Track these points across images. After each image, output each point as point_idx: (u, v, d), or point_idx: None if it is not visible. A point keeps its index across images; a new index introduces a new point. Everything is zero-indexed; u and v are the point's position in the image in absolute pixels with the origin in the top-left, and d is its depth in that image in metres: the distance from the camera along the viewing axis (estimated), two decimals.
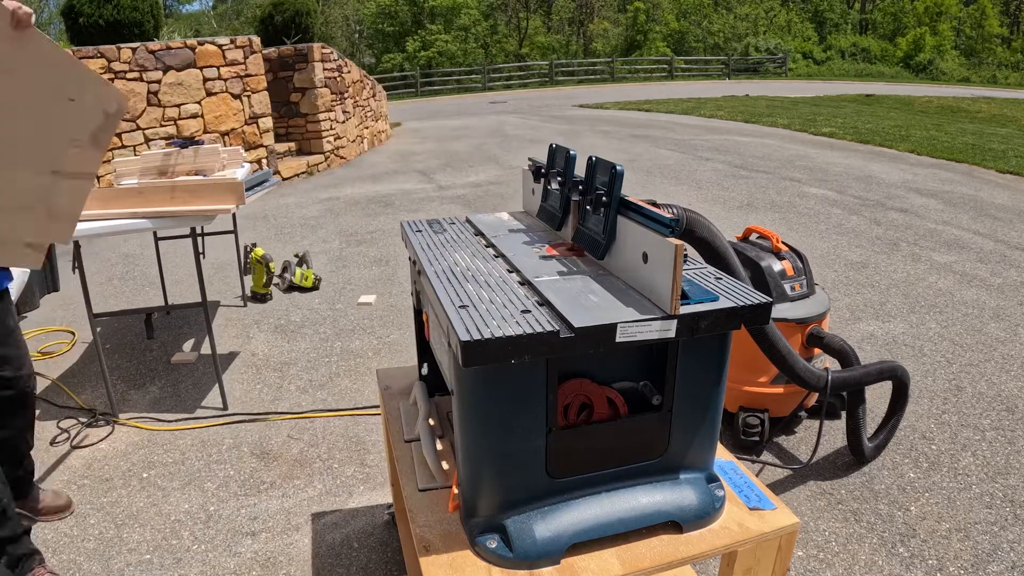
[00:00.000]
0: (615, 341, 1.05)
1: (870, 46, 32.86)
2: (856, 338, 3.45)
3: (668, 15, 32.77)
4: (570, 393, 1.15)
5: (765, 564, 1.23)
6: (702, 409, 1.20)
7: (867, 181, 7.17)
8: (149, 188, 2.70)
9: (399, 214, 6.28)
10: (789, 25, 33.66)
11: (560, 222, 1.49)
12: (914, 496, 2.26)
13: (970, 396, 2.89)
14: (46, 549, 2.10)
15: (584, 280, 1.23)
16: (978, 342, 3.40)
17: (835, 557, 2.00)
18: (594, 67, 28.41)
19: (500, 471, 1.13)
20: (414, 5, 30.23)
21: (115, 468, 2.52)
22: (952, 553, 2.00)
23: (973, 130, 11.25)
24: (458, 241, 1.51)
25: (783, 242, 2.55)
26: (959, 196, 6.50)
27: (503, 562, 1.12)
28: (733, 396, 2.51)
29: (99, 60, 5.95)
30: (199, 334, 3.72)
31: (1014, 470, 2.39)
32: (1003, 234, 5.24)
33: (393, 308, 4.02)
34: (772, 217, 5.77)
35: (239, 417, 2.85)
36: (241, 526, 2.20)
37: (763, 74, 28.47)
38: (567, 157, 1.46)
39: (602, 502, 1.18)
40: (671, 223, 1.09)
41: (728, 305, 1.10)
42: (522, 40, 33.77)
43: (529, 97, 21.17)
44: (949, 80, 28.74)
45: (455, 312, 1.08)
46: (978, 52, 32.92)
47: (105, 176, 6.08)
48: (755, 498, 1.28)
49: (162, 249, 4.11)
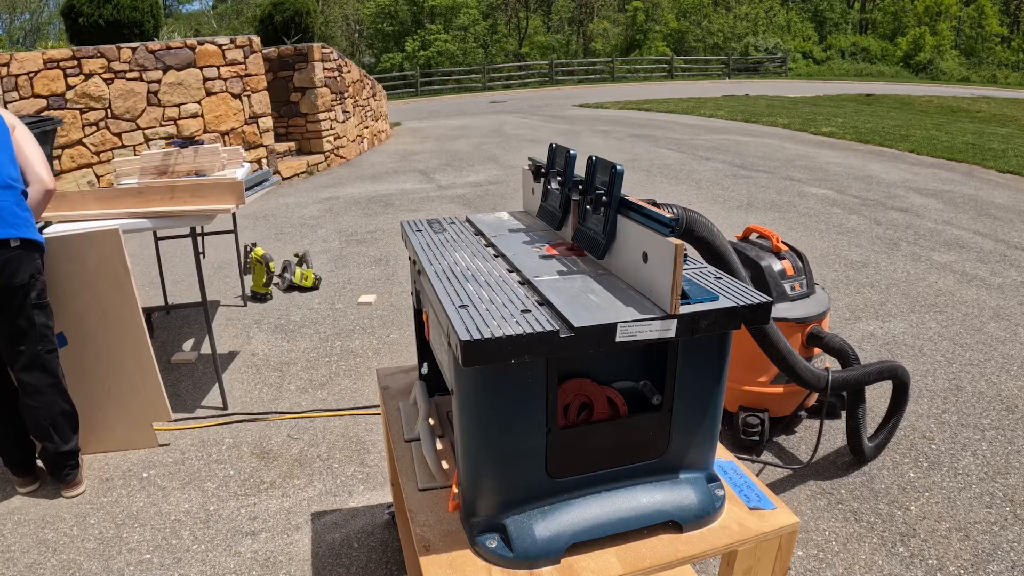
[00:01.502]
0: (615, 341, 1.05)
1: (870, 46, 32.84)
2: (856, 338, 3.45)
3: (668, 15, 32.76)
4: (570, 393, 1.15)
5: (765, 564, 1.23)
6: (702, 409, 1.20)
7: (867, 181, 7.16)
8: (149, 188, 2.70)
9: (399, 214, 6.28)
10: (789, 25, 33.65)
11: (560, 222, 1.49)
12: (914, 496, 2.26)
13: (970, 396, 2.89)
14: (46, 549, 2.11)
15: (584, 280, 1.23)
16: (978, 342, 3.40)
17: (835, 557, 2.00)
18: (594, 67, 28.41)
19: (500, 471, 1.13)
20: (414, 5, 30.21)
21: (115, 468, 2.52)
22: (952, 553, 2.00)
23: (973, 130, 11.25)
24: (458, 241, 1.51)
25: (783, 242, 2.55)
26: (959, 196, 6.50)
27: (503, 562, 1.12)
28: (733, 396, 2.51)
29: (99, 60, 5.95)
30: (199, 334, 3.72)
31: (1014, 470, 2.39)
32: (1003, 234, 5.24)
33: (393, 308, 4.02)
34: (772, 217, 5.77)
35: (239, 417, 2.85)
36: (241, 526, 2.20)
37: (763, 74, 28.46)
38: (567, 157, 1.46)
39: (602, 502, 1.18)
40: (671, 223, 1.08)
41: (728, 305, 1.10)
42: (522, 40, 33.76)
43: (529, 97, 21.17)
44: (949, 80, 28.72)
45: (455, 312, 1.08)
46: (978, 52, 32.91)
47: (105, 176, 6.08)
48: (755, 498, 1.28)
49: (162, 249, 4.11)
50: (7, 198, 2.12)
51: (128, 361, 2.52)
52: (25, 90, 5.52)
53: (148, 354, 2.52)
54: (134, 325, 2.48)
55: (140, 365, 2.52)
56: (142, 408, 2.58)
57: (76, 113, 5.86)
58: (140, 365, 2.52)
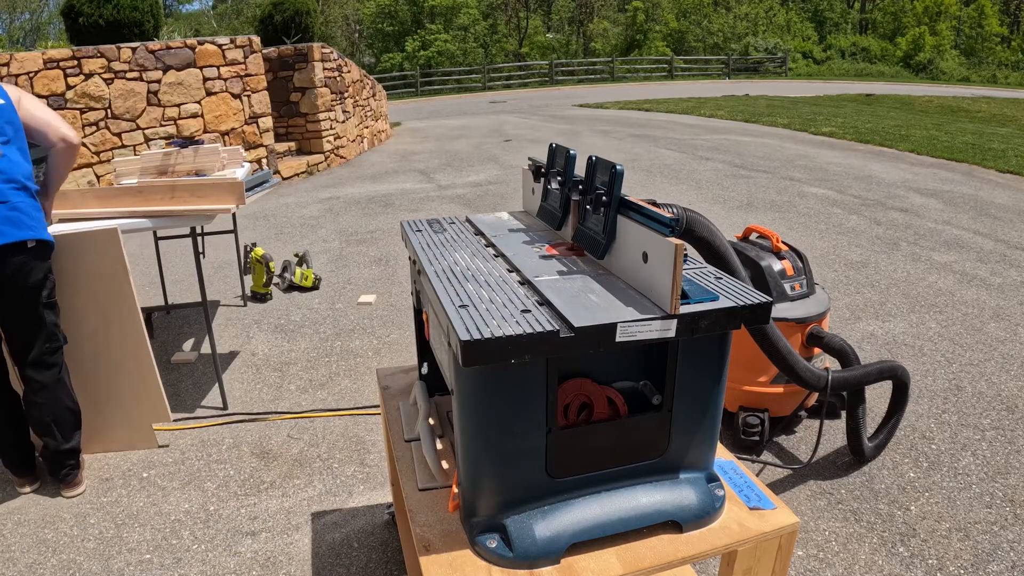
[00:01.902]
0: (615, 341, 1.05)
1: (870, 46, 32.84)
2: (856, 338, 3.45)
3: (668, 15, 32.76)
4: (570, 393, 1.15)
5: (765, 564, 1.23)
6: (702, 409, 1.20)
7: (867, 181, 7.16)
8: (149, 187, 2.70)
9: (399, 214, 6.28)
10: (789, 25, 33.65)
11: (560, 222, 1.49)
12: (914, 496, 2.26)
13: (970, 396, 2.89)
14: (46, 549, 2.11)
15: (584, 280, 1.23)
16: (978, 342, 3.40)
17: (835, 557, 2.00)
18: (594, 67, 28.41)
19: (500, 471, 1.13)
20: (414, 5, 30.21)
21: (115, 468, 2.52)
22: (952, 552, 2.00)
23: (973, 130, 11.25)
24: (458, 241, 1.51)
25: (783, 242, 2.55)
26: (959, 196, 6.50)
27: (503, 562, 1.12)
28: (733, 396, 2.51)
29: (99, 60, 5.94)
30: (199, 334, 3.72)
31: (1014, 470, 2.39)
32: (1003, 234, 5.24)
33: (393, 308, 4.02)
34: (772, 216, 5.77)
35: (239, 417, 2.85)
36: (241, 526, 2.20)
37: (763, 74, 28.46)
38: (567, 157, 1.46)
39: (602, 502, 1.18)
40: (671, 223, 1.08)
41: (728, 305, 1.10)
42: (522, 40, 33.77)
43: (529, 97, 21.17)
44: (949, 80, 28.72)
45: (455, 312, 1.08)
46: (978, 52, 32.91)
47: (105, 176, 6.08)
48: (755, 498, 1.28)
49: (162, 249, 4.11)
50: (23, 199, 2.14)
51: (127, 361, 2.52)
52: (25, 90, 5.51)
53: (147, 354, 2.52)
54: (133, 325, 2.48)
55: (139, 365, 2.52)
56: (141, 408, 2.58)
57: (76, 113, 5.86)
58: (139, 365, 2.52)
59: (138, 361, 2.52)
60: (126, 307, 2.46)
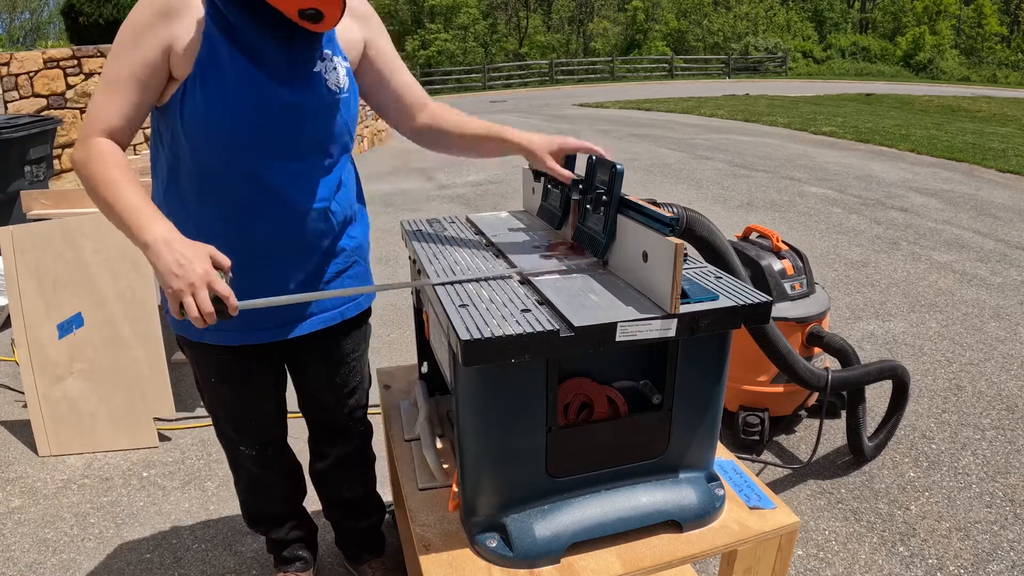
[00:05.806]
0: (615, 340, 1.05)
1: (870, 45, 32.85)
2: (856, 337, 3.45)
3: (668, 14, 32.77)
4: (570, 392, 1.15)
5: (765, 563, 1.23)
6: (702, 408, 1.20)
7: (867, 180, 7.16)
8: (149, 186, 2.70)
9: (399, 213, 6.28)
10: (789, 24, 33.66)
11: (560, 221, 1.49)
12: (914, 495, 2.26)
13: (970, 395, 2.89)
14: (46, 549, 2.11)
15: (584, 279, 1.23)
16: (978, 341, 3.40)
17: (835, 556, 2.00)
18: (594, 66, 28.41)
19: (500, 470, 1.13)
20: (414, 4, 30.23)
21: (115, 467, 2.52)
22: (952, 552, 2.00)
23: (973, 129, 11.25)
24: (458, 240, 1.51)
25: (783, 241, 2.55)
26: (959, 195, 6.50)
27: (503, 561, 1.12)
28: (733, 395, 2.50)
29: (99, 59, 5.94)
30: None
31: (1014, 469, 2.39)
32: (1003, 233, 5.24)
33: (393, 307, 4.02)
34: (772, 216, 5.77)
35: None
36: (241, 525, 2.19)
37: (763, 73, 28.46)
38: (567, 156, 1.46)
39: (602, 501, 1.18)
40: (671, 222, 1.08)
41: (728, 304, 1.10)
42: (522, 39, 33.77)
43: (529, 96, 21.16)
44: (949, 79, 28.72)
45: (455, 311, 1.08)
46: (978, 51, 32.92)
47: None
48: (755, 497, 1.28)
49: None
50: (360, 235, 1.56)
51: (136, 347, 2.55)
52: (25, 89, 5.52)
53: (158, 342, 2.54)
54: (149, 308, 2.53)
55: (148, 353, 2.56)
56: (145, 399, 2.58)
57: (76, 113, 5.86)
58: (148, 353, 2.56)
59: (147, 349, 2.57)
60: (143, 288, 2.52)
